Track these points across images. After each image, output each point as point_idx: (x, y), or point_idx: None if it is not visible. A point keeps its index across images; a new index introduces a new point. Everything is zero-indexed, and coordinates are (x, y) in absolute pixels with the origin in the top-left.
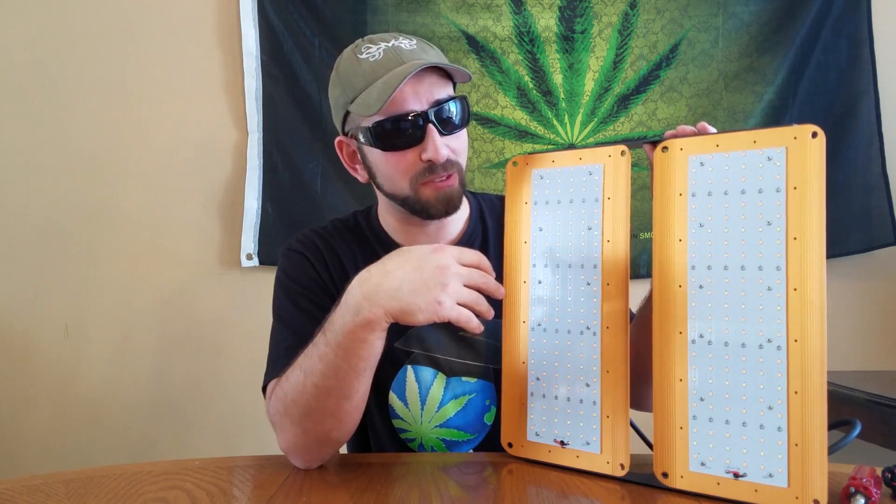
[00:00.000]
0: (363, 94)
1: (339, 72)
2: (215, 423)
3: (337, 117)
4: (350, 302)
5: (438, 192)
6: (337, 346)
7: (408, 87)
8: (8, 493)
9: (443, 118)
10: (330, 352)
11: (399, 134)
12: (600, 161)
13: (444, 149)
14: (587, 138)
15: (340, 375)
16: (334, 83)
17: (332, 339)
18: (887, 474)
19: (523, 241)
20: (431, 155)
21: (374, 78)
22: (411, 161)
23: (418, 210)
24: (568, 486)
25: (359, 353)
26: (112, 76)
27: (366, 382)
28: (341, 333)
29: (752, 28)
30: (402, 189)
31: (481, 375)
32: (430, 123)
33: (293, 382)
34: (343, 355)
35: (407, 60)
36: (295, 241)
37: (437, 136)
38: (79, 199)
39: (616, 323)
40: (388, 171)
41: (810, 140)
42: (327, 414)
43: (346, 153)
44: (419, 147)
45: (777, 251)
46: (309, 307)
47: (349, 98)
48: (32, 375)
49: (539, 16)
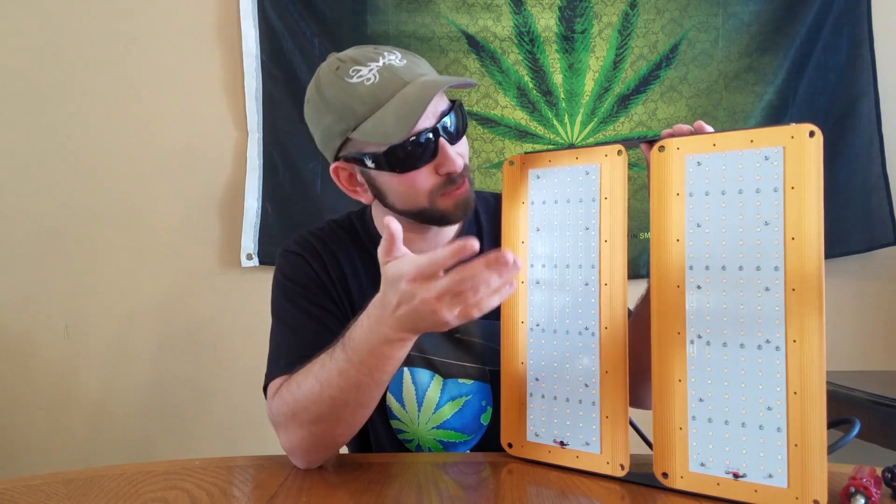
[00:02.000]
0: (371, 120)
1: (326, 98)
2: (215, 423)
3: (329, 144)
4: (371, 321)
5: (457, 200)
6: (360, 363)
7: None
8: (8, 493)
9: (449, 129)
10: (351, 368)
11: (414, 154)
12: (597, 161)
13: (459, 158)
14: (587, 138)
15: (361, 389)
16: (320, 109)
17: (355, 356)
18: (887, 474)
19: (521, 242)
20: (450, 168)
21: (379, 103)
22: (428, 177)
23: (437, 219)
24: (568, 486)
25: (384, 369)
26: (112, 76)
27: (381, 393)
28: (366, 352)
29: (752, 28)
30: (420, 204)
31: (478, 377)
32: (441, 137)
33: (306, 390)
34: (367, 371)
35: (408, 79)
36: (292, 243)
37: (450, 147)
38: (78, 198)
39: (615, 323)
40: (404, 191)
41: (808, 139)
42: (341, 421)
43: (342, 178)
44: (434, 162)
45: (775, 251)
46: (308, 307)
47: (350, 125)
48: (32, 375)
49: (539, 16)
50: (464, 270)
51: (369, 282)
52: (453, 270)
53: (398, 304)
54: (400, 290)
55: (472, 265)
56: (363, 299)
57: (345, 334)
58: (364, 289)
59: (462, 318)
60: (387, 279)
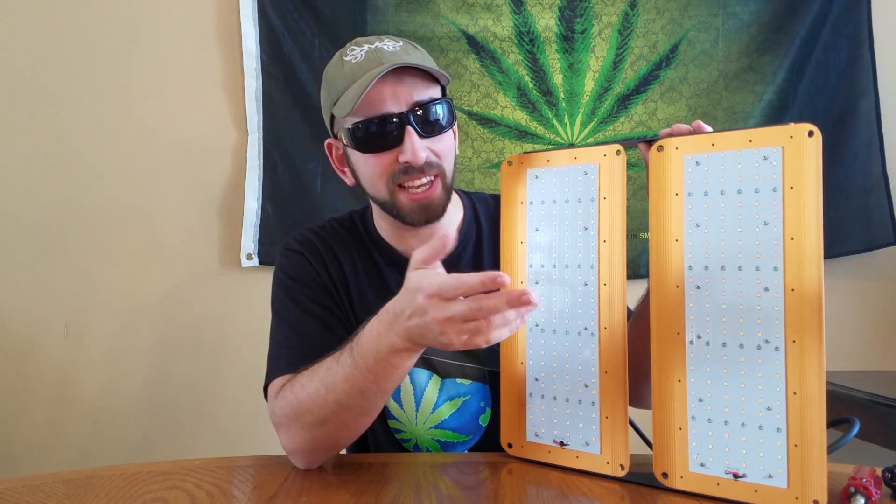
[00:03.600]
0: (343, 95)
1: (327, 75)
2: (215, 423)
3: (326, 120)
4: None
5: (414, 203)
6: (367, 370)
7: (386, 88)
8: (8, 493)
9: (423, 120)
10: (358, 374)
11: (376, 135)
12: (596, 161)
13: (423, 151)
14: (587, 138)
15: (367, 396)
16: (323, 86)
17: (363, 363)
18: (887, 474)
19: (519, 242)
20: (409, 157)
21: (354, 79)
22: (388, 163)
23: (396, 216)
24: (568, 486)
25: (389, 377)
26: (112, 76)
27: (387, 399)
28: (373, 360)
29: (752, 28)
30: (381, 193)
31: (476, 377)
32: (408, 125)
33: (310, 393)
34: (373, 378)
35: (386, 62)
36: (293, 241)
37: (416, 138)
38: (78, 198)
39: (614, 323)
40: (367, 174)
41: (807, 139)
42: (344, 426)
43: (335, 156)
44: (398, 149)
45: (774, 251)
46: (308, 305)
47: (333, 100)
48: (32, 375)
49: (539, 16)
50: (483, 300)
51: (368, 281)
52: (472, 298)
53: (410, 315)
54: (415, 302)
55: (494, 297)
56: (362, 298)
57: (353, 338)
58: (363, 288)
59: (467, 345)
60: (407, 286)
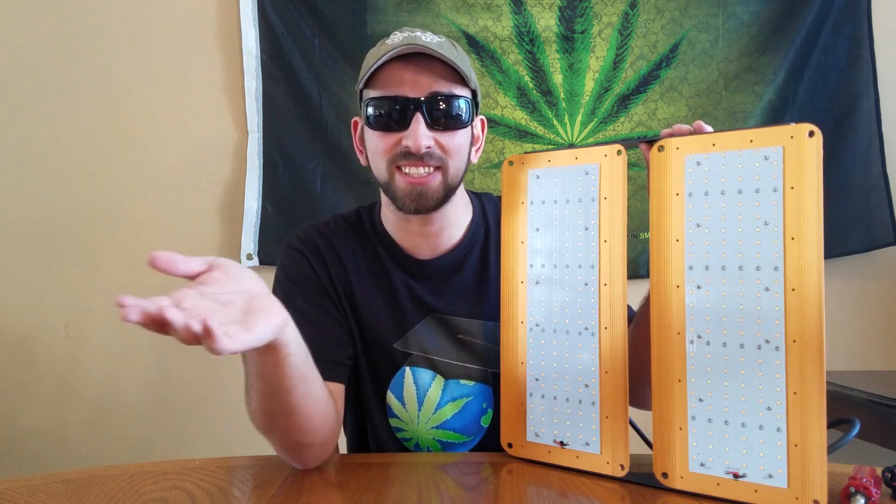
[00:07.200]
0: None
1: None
2: (215, 423)
3: (357, 98)
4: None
5: (409, 186)
6: (254, 374)
7: (408, 72)
8: (8, 493)
9: (436, 110)
10: (254, 380)
11: (386, 114)
12: (596, 161)
13: (427, 140)
14: (587, 138)
15: (273, 397)
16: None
17: (251, 368)
18: (887, 474)
19: (520, 242)
20: (411, 142)
21: (380, 56)
22: (392, 144)
23: (393, 199)
24: (568, 486)
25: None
26: (112, 76)
27: (306, 394)
28: (249, 361)
29: (752, 28)
30: (382, 172)
31: (479, 379)
32: (419, 112)
33: (248, 403)
34: (265, 381)
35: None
36: (295, 238)
37: (423, 126)
38: (78, 198)
39: (614, 323)
40: (372, 151)
41: (807, 139)
42: (287, 429)
43: (357, 133)
44: (403, 133)
45: (775, 251)
46: (304, 307)
47: (361, 76)
48: (32, 375)
49: (539, 16)
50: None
51: (371, 278)
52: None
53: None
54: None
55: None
56: (364, 294)
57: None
58: (365, 283)
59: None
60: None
